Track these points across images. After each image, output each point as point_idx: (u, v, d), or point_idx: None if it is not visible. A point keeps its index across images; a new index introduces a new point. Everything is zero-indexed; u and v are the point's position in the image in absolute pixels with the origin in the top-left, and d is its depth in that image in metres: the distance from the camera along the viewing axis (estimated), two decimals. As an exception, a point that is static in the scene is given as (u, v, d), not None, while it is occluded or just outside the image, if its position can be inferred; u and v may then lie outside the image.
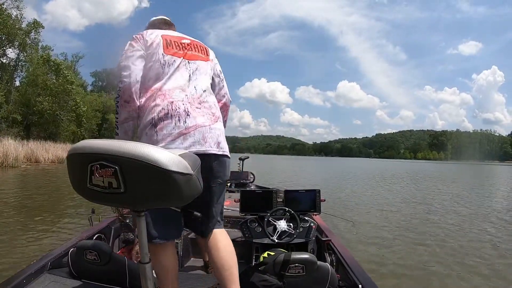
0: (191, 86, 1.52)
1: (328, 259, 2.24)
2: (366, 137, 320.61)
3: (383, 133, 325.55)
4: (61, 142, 25.12)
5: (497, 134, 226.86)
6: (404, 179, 19.31)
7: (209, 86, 1.64)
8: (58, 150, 20.47)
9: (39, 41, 29.97)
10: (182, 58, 1.57)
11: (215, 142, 1.48)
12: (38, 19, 30.48)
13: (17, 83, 29.84)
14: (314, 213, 2.74)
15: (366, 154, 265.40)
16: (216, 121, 1.53)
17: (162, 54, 1.53)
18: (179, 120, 1.41)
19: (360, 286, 1.71)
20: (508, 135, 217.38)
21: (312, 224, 2.55)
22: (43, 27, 30.02)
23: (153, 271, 1.16)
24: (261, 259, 1.96)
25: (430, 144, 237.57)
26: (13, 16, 26.62)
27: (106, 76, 51.20)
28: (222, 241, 1.55)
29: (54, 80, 28.14)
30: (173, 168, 0.87)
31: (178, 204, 1.01)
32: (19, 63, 29.16)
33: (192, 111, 1.45)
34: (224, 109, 1.78)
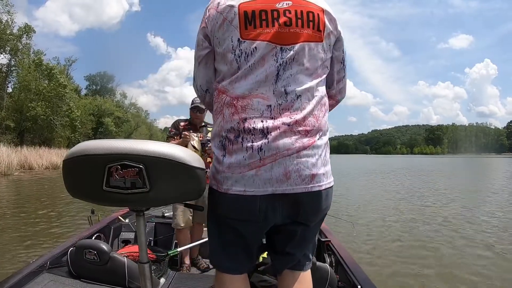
0: (278, 88, 0.98)
1: (328, 259, 2.23)
2: (362, 133, 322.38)
3: (378, 129, 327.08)
4: (56, 148, 24.77)
5: (493, 127, 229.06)
6: (403, 175, 19.24)
7: (314, 85, 1.03)
8: (52, 156, 20.15)
9: (31, 45, 29.58)
10: (268, 42, 0.98)
11: (307, 175, 0.99)
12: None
13: (10, 89, 29.41)
14: None
15: (362, 151, 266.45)
16: (313, 143, 1.00)
17: (238, 39, 0.99)
18: (252, 146, 0.96)
19: (359, 286, 1.71)
20: (504, 127, 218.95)
21: None
22: (34, 32, 29.60)
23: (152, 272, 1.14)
24: (260, 259, 1.90)
25: (426, 139, 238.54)
26: (3, 21, 26.23)
27: (100, 79, 50.79)
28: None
29: (45, 85, 27.70)
30: (195, 164, 0.92)
31: (196, 198, 1.00)
32: (11, 69, 28.73)
33: (274, 130, 0.96)
34: (332, 106, 1.27)
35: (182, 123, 2.78)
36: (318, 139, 1.01)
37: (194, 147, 2.38)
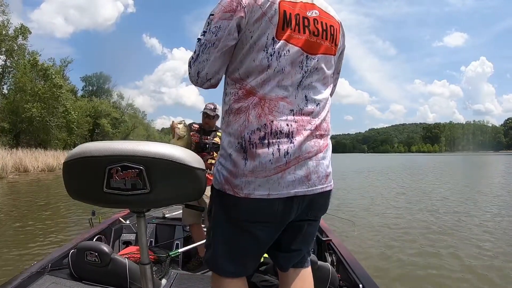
0: (300, 95, 1.01)
1: (329, 259, 2.25)
2: (359, 132, 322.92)
3: (375, 128, 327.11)
4: (52, 150, 24.48)
5: (490, 125, 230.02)
6: (401, 173, 19.29)
7: (328, 94, 1.11)
8: (48, 158, 19.80)
9: (26, 47, 29.26)
10: (300, 48, 1.00)
11: (323, 176, 1.06)
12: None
13: (5, 91, 29.07)
14: None
15: (360, 150, 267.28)
16: (327, 146, 1.08)
17: (273, 38, 0.97)
18: (278, 149, 0.97)
19: (360, 286, 1.71)
20: (501, 125, 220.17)
21: None
22: (30, 32, 29.30)
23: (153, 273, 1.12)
24: (262, 259, 1.88)
25: (423, 137, 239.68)
26: (-2, 22, 25.93)
27: (97, 80, 50.37)
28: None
29: (41, 86, 27.36)
30: (195, 164, 0.92)
31: (196, 198, 0.99)
32: (6, 70, 28.42)
33: (298, 134, 0.99)
34: None
35: (194, 126, 2.86)
36: (329, 142, 1.10)
37: (179, 135, 2.17)
